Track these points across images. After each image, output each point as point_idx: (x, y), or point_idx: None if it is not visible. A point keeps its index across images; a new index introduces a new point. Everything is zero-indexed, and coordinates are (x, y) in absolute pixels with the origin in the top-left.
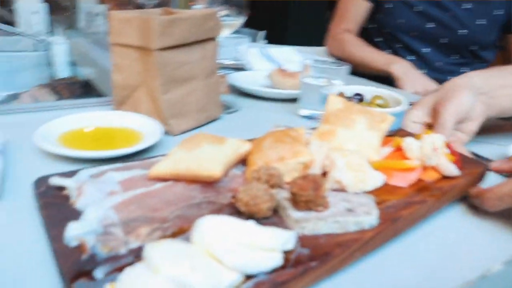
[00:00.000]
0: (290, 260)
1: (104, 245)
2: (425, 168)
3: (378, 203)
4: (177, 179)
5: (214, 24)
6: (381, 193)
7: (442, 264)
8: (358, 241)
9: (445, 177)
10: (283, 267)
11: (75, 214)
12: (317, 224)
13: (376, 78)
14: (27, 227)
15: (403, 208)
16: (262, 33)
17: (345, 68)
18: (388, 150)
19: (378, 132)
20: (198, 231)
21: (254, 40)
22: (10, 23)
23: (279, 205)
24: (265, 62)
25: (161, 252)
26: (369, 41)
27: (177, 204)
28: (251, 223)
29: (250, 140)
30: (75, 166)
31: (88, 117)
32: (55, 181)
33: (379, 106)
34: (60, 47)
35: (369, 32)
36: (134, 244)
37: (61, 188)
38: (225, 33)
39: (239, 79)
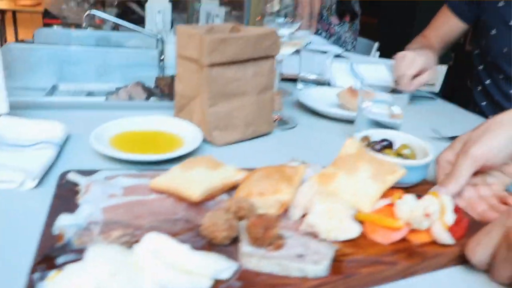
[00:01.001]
0: None
1: (78, 238)
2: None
3: (343, 255)
4: (170, 194)
5: (272, 43)
6: (354, 246)
7: None
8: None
9: (436, 243)
10: None
11: (74, 208)
12: (260, 261)
13: None
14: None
15: (366, 266)
16: (376, 45)
17: (406, 96)
18: (384, 203)
19: (382, 183)
20: (139, 245)
21: (368, 52)
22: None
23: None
24: (350, 78)
25: (97, 255)
26: (472, 68)
27: (158, 216)
28: (186, 247)
29: (251, 170)
30: (118, 165)
31: (142, 121)
32: (72, 176)
33: (404, 156)
34: (172, 46)
35: (473, 58)
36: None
37: (76, 184)
38: (287, 51)
39: (309, 95)
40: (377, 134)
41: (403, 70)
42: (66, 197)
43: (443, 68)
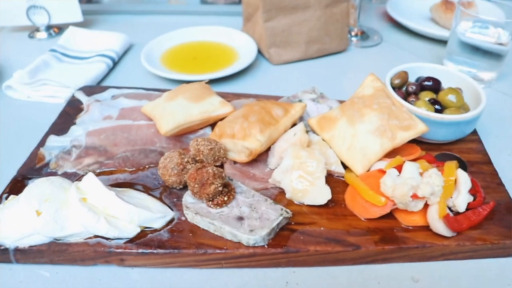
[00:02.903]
0: (143, 237)
1: (54, 162)
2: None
3: (300, 224)
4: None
5: None
6: (320, 214)
7: None
8: (219, 252)
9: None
10: (131, 241)
11: (68, 128)
12: (195, 217)
13: None
14: None
15: (320, 243)
16: None
17: None
18: (382, 165)
19: (389, 140)
20: (78, 183)
21: None
22: None
23: None
24: None
25: (35, 188)
26: None
27: (135, 145)
28: (112, 194)
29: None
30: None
31: (198, 31)
32: (77, 94)
33: (443, 104)
34: None
35: None
36: (70, 169)
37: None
38: None
39: (399, 4)
40: (426, 70)
41: None
42: (68, 115)
43: None
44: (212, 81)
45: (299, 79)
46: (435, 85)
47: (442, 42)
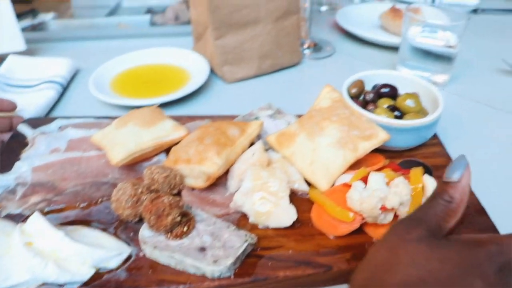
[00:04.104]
0: (98, 279)
1: None
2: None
3: (266, 249)
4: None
5: None
6: (287, 236)
7: None
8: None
9: None
10: (85, 284)
11: (12, 165)
12: (153, 252)
13: None
14: None
15: (289, 267)
16: None
17: (462, 23)
18: (347, 178)
19: (351, 152)
20: (23, 225)
21: None
22: None
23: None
24: None
25: None
26: None
27: (86, 178)
28: (61, 234)
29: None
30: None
31: (145, 54)
32: (21, 128)
33: (406, 110)
34: None
35: None
36: (15, 210)
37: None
38: None
39: (348, 14)
40: (381, 77)
41: None
42: (12, 150)
43: None
44: (165, 105)
45: (254, 95)
46: (392, 92)
47: (394, 48)
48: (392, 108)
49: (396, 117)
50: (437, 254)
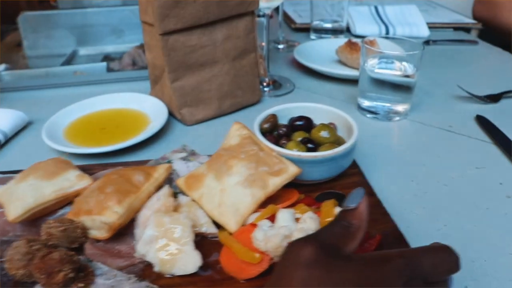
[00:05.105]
0: None
1: None
2: None
3: None
4: None
5: None
6: (194, 284)
7: None
8: None
9: None
10: None
11: None
12: None
13: None
14: None
15: None
16: None
17: (419, 53)
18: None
19: (261, 189)
20: None
21: None
22: None
23: None
24: (373, 25)
25: None
26: None
27: None
28: None
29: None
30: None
31: (101, 100)
32: None
33: (321, 141)
34: None
35: None
36: None
37: None
38: (272, 5)
39: (306, 50)
40: (297, 109)
41: None
42: None
43: None
44: (123, 151)
45: (216, 136)
46: (307, 124)
47: (353, 81)
48: (306, 141)
49: (310, 149)
50: (332, 277)
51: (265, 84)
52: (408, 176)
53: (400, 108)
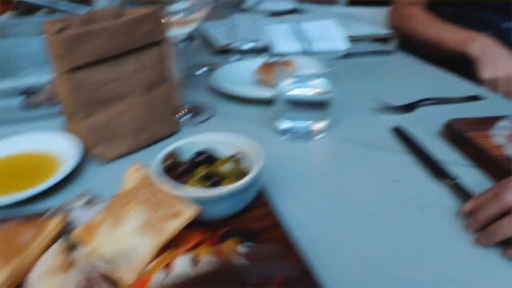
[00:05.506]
0: None
1: None
2: None
3: None
4: None
5: (153, 27)
6: None
7: None
8: None
9: None
10: None
11: None
12: None
13: (451, 61)
14: None
15: None
16: None
17: (332, 70)
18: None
19: (158, 234)
20: None
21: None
22: None
23: None
24: (293, 42)
25: None
26: (437, 14)
27: None
28: None
29: None
30: None
31: (9, 143)
32: None
33: (224, 175)
34: None
35: (437, 3)
36: None
37: None
38: (185, 30)
39: (225, 74)
40: (202, 143)
41: None
42: None
43: None
44: (34, 198)
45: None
46: (208, 158)
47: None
48: (208, 176)
49: (213, 184)
50: None
51: (183, 112)
52: (325, 198)
53: (319, 126)
